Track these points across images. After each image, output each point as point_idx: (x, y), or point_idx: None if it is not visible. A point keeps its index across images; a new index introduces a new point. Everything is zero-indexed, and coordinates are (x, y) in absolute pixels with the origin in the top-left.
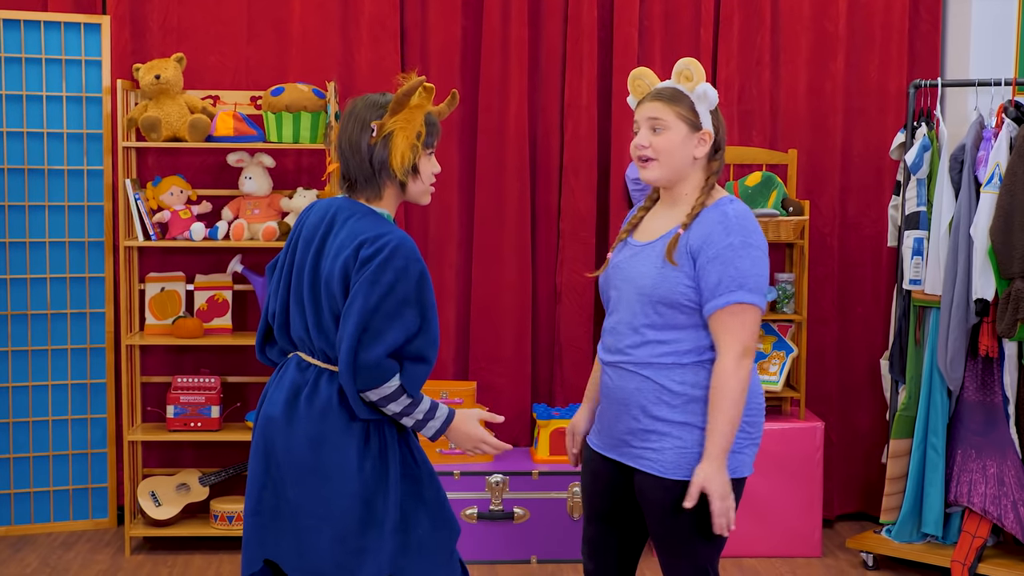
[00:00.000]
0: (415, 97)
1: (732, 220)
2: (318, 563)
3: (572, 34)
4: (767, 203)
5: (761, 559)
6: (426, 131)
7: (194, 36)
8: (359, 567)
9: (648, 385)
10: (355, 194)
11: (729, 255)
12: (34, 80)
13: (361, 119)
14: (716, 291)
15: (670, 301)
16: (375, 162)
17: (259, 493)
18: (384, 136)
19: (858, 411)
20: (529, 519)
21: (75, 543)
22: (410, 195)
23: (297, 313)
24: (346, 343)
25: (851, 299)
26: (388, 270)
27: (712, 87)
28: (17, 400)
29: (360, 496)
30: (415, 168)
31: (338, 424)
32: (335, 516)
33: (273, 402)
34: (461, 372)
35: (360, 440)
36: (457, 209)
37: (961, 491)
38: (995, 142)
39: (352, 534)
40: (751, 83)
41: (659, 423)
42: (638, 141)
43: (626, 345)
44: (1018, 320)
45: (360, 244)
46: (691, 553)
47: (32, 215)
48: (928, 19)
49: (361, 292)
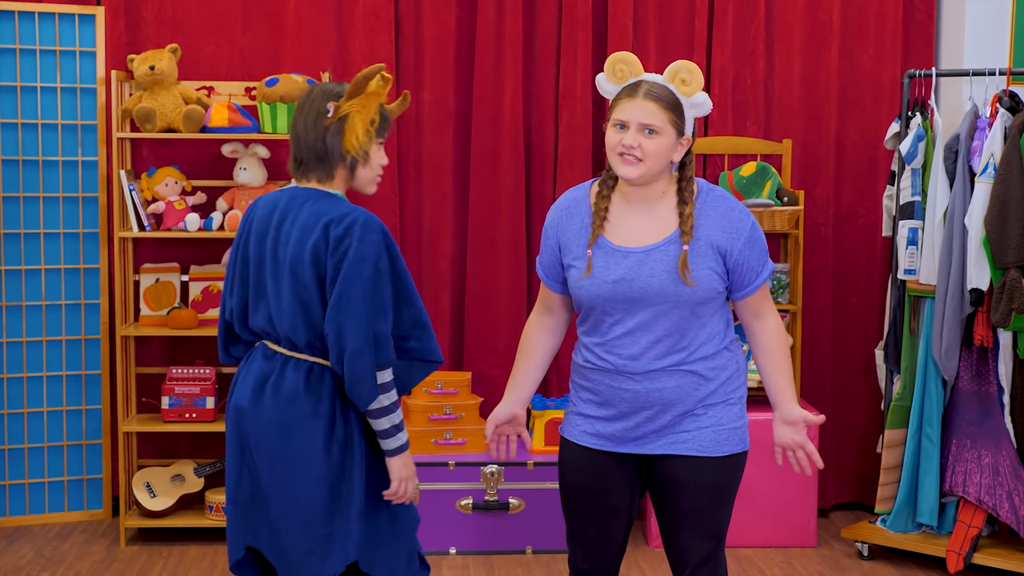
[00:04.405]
0: (373, 83)
1: (733, 201)
2: (290, 549)
3: (567, 24)
4: (761, 193)
5: (756, 549)
6: (379, 120)
7: (189, 27)
8: (327, 553)
9: (689, 379)
10: (306, 178)
11: (755, 234)
12: (29, 71)
13: (317, 103)
14: (757, 269)
15: (706, 299)
16: (329, 142)
17: (236, 482)
18: (340, 118)
19: (853, 401)
20: (524, 509)
21: (70, 534)
22: (358, 181)
23: (259, 304)
24: (357, 324)
25: (846, 289)
26: (367, 244)
27: (709, 98)
28: (12, 391)
29: (326, 482)
30: (366, 153)
31: (305, 410)
32: (303, 502)
33: (242, 391)
34: (456, 363)
35: (326, 426)
36: (452, 200)
37: (956, 481)
38: (989, 132)
39: (319, 521)
40: (745, 73)
41: (698, 408)
42: (627, 142)
43: (659, 352)
44: (1013, 310)
45: (327, 224)
46: (714, 520)
47: (27, 206)
48: (923, 9)
49: (354, 272)
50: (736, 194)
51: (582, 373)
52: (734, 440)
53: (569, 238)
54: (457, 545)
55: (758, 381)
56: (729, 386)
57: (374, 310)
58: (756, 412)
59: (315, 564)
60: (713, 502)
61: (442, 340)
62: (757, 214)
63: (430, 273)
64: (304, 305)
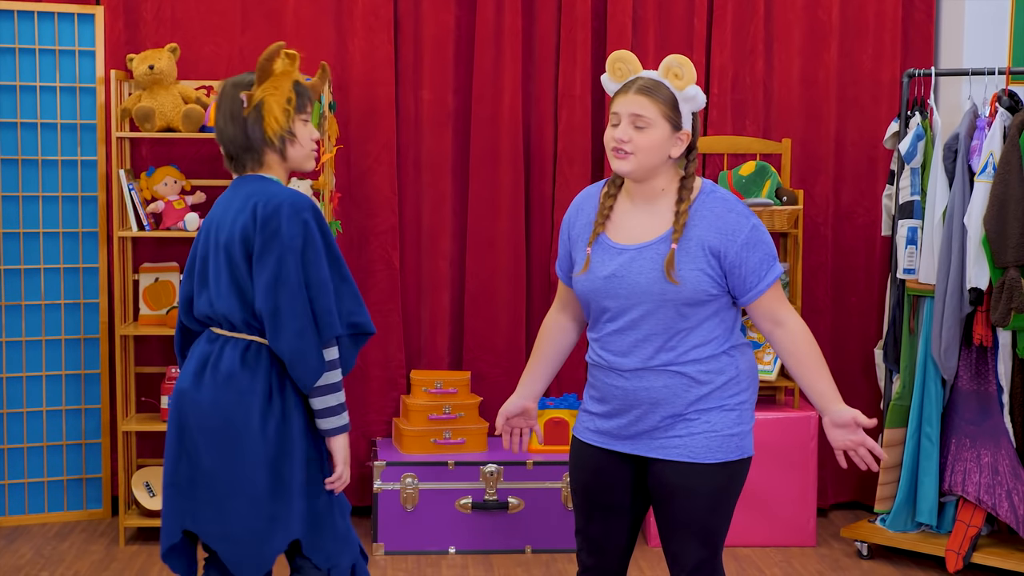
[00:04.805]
0: (278, 64)
1: (735, 203)
2: (235, 530)
3: (566, 23)
4: (761, 192)
5: (756, 548)
6: (296, 97)
7: (188, 26)
8: (271, 533)
9: (677, 380)
10: (243, 169)
11: (756, 237)
12: (28, 71)
13: (230, 95)
14: (759, 273)
15: (695, 301)
16: (250, 131)
17: (175, 465)
18: (255, 105)
19: (852, 400)
20: (523, 509)
21: (69, 534)
22: (292, 161)
23: (203, 292)
24: (294, 302)
25: (845, 288)
26: (296, 223)
27: (702, 91)
28: (11, 390)
29: (266, 459)
30: (291, 132)
31: (241, 387)
32: (245, 480)
33: (184, 374)
34: (455, 362)
35: (263, 403)
36: (451, 199)
37: (955, 480)
38: (989, 131)
39: (262, 500)
40: (744, 72)
41: (689, 412)
42: (618, 135)
43: (647, 351)
44: (1012, 309)
45: (255, 205)
46: (710, 530)
47: (26, 205)
48: (922, 8)
49: (286, 251)
50: (735, 193)
51: (588, 369)
52: (729, 447)
53: (576, 234)
54: (456, 544)
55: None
56: (726, 391)
57: (313, 287)
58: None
59: (259, 544)
60: (707, 510)
61: (441, 339)
62: (756, 213)
63: (429, 272)
64: (237, 284)
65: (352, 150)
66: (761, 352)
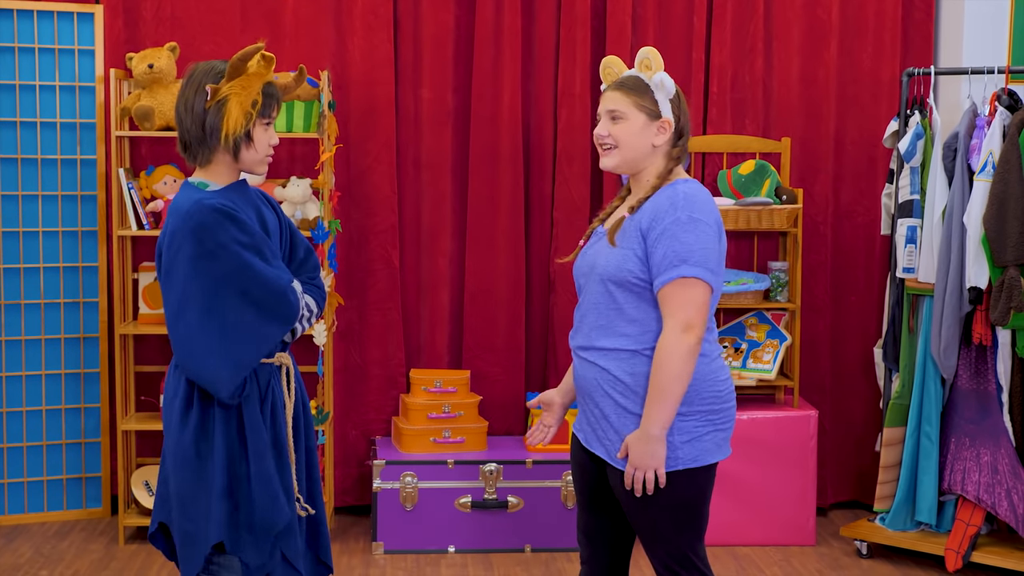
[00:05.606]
0: (253, 64)
1: (680, 197)
2: (177, 528)
3: (565, 22)
4: (760, 191)
5: (755, 547)
6: (263, 100)
7: (188, 25)
8: (196, 534)
9: (603, 376)
10: (193, 162)
11: (675, 230)
12: (27, 69)
13: (198, 83)
14: (661, 266)
15: (619, 280)
16: (207, 126)
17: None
18: (218, 101)
19: (852, 399)
20: (523, 508)
21: (69, 532)
22: (244, 164)
23: None
24: (187, 327)
25: (844, 287)
26: (195, 234)
27: (669, 76)
28: (11, 389)
29: (188, 461)
30: (248, 135)
31: (168, 389)
32: (176, 480)
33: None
34: (455, 361)
35: (182, 406)
36: (451, 198)
37: (955, 479)
38: (988, 130)
39: (188, 500)
40: (744, 71)
41: (613, 414)
42: (597, 131)
43: (586, 332)
44: (1011, 308)
45: (168, 219)
46: (666, 539)
47: (25, 204)
48: (921, 7)
49: (187, 276)
50: (735, 192)
51: None
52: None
53: None
54: (456, 543)
55: (757, 380)
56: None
57: (219, 306)
58: (755, 411)
59: (189, 544)
60: (665, 520)
61: (441, 338)
62: (756, 212)
63: (429, 271)
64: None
65: (352, 149)
66: (760, 351)
